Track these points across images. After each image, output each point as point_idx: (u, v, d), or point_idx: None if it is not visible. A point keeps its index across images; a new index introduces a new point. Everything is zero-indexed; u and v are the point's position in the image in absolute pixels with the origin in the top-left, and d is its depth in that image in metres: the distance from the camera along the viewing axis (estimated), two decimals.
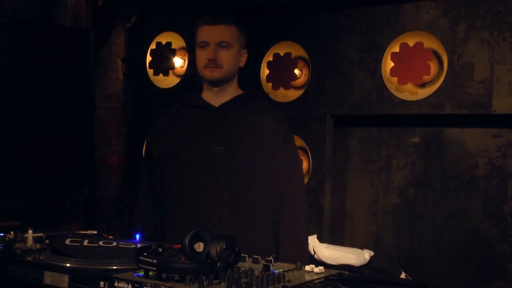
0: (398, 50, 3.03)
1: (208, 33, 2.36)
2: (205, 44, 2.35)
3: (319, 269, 1.59)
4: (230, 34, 2.37)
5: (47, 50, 3.16)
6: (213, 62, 2.34)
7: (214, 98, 2.41)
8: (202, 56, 2.36)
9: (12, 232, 1.85)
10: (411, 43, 2.99)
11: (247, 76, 3.47)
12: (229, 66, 2.36)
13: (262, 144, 2.34)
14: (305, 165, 3.32)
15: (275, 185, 2.33)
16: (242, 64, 2.41)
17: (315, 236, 3.07)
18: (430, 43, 2.97)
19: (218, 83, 2.38)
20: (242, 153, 2.32)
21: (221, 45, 2.34)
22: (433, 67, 2.97)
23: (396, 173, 3.19)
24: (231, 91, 2.40)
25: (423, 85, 2.99)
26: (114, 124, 4.02)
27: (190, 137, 2.36)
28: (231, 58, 2.36)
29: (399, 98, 3.05)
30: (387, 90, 3.08)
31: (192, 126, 2.38)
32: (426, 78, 2.97)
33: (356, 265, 2.85)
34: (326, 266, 2.19)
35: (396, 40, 3.06)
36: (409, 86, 3.01)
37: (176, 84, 3.64)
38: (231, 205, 2.28)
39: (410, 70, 2.98)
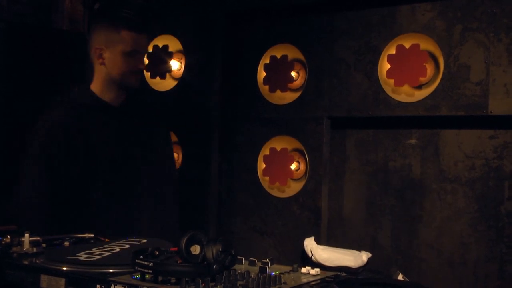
0: (394, 52, 3.04)
1: (138, 42, 2.48)
2: (136, 53, 2.47)
3: (315, 271, 1.60)
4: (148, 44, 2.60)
5: (45, 54, 3.18)
6: (141, 72, 2.52)
7: (114, 98, 2.50)
8: (132, 62, 2.47)
9: (8, 236, 1.85)
10: (407, 45, 3.00)
11: (244, 78, 3.52)
12: None
13: (155, 141, 2.60)
14: (302, 167, 3.33)
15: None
16: None
17: (313, 238, 3.07)
18: (426, 44, 2.98)
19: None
20: (144, 151, 2.51)
21: (144, 55, 2.53)
22: (429, 68, 2.97)
23: (393, 174, 3.20)
24: None
25: (419, 87, 3.00)
26: None
27: (96, 138, 2.41)
28: None
29: (395, 100, 3.05)
30: (384, 92, 3.08)
31: (97, 126, 2.43)
32: (423, 79, 2.98)
33: (354, 267, 2.85)
34: (324, 268, 2.20)
35: (392, 42, 3.07)
36: (406, 88, 3.02)
37: (173, 87, 3.64)
38: (148, 200, 2.51)
39: (406, 72, 2.99)
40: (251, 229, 3.44)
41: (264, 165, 3.40)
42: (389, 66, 3.05)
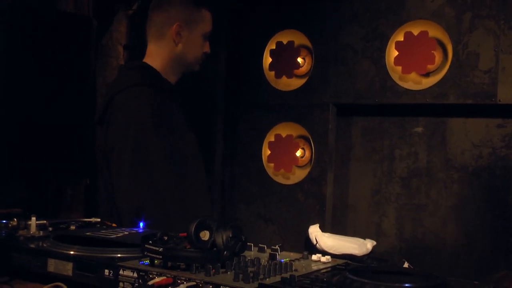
0: (402, 39, 3.00)
1: (212, 23, 2.25)
2: (209, 35, 2.25)
3: (326, 258, 1.58)
4: None
5: (48, 37, 3.13)
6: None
7: (174, 80, 2.30)
8: (205, 46, 2.26)
9: (15, 219, 1.83)
10: (415, 32, 2.97)
11: (249, 64, 3.48)
12: None
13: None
14: (307, 154, 3.31)
15: None
16: None
17: (317, 225, 3.05)
18: (435, 32, 2.95)
19: None
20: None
21: None
22: (438, 56, 2.94)
23: (399, 163, 3.18)
24: None
25: (427, 75, 2.97)
26: None
27: (175, 124, 2.26)
28: None
29: (402, 88, 3.03)
30: (391, 79, 3.06)
31: (173, 111, 2.27)
32: (430, 67, 2.95)
33: (359, 255, 2.84)
34: (328, 255, 2.18)
35: (401, 29, 3.03)
36: (413, 75, 2.99)
37: None
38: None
39: (414, 59, 2.96)
40: (255, 216, 3.43)
41: (269, 152, 3.38)
42: (396, 53, 3.02)
